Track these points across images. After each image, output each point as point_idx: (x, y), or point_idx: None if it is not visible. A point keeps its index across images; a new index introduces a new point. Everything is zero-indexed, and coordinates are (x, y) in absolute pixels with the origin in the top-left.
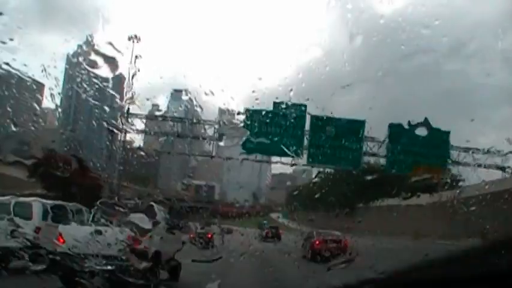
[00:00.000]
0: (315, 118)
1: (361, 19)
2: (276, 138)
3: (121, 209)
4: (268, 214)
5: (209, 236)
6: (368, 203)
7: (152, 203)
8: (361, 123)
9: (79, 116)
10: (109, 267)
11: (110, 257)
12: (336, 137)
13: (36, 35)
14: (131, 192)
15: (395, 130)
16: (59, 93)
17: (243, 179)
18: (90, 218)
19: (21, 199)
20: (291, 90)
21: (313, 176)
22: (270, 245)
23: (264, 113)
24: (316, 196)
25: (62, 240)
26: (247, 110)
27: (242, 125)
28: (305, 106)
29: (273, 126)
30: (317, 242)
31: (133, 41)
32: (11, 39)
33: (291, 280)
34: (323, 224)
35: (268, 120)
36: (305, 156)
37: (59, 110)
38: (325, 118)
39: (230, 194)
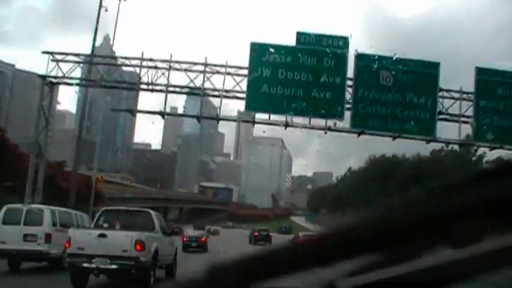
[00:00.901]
0: (362, 58)
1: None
2: (299, 91)
3: (123, 216)
4: (289, 217)
5: (202, 239)
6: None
7: (149, 210)
8: (434, 66)
9: (95, 118)
10: (113, 267)
11: (113, 257)
12: (395, 86)
13: (52, 35)
14: (145, 193)
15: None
16: (77, 94)
17: (263, 182)
18: (93, 223)
19: (33, 206)
20: None
21: (333, 179)
22: (259, 248)
23: (280, 50)
24: (342, 198)
25: (69, 243)
26: (253, 45)
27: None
28: (346, 39)
29: (295, 70)
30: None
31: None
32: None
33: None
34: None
35: (288, 61)
36: (348, 117)
37: (75, 111)
38: (376, 58)
39: (249, 197)
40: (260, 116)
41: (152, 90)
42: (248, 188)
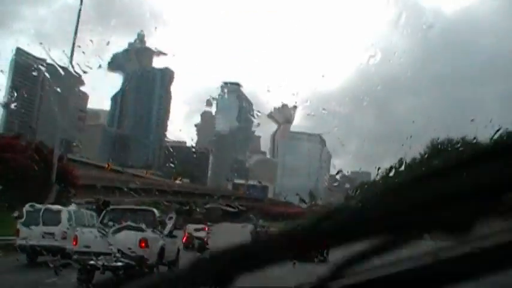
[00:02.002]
0: None
1: (418, 19)
2: None
3: (127, 214)
4: None
5: (205, 241)
6: None
7: (153, 209)
8: None
9: (127, 113)
10: (118, 264)
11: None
12: None
13: (85, 35)
14: (178, 188)
15: None
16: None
17: (299, 180)
18: (98, 222)
19: (50, 207)
20: None
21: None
22: None
23: None
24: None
25: (76, 241)
26: None
27: None
28: None
29: None
30: None
31: None
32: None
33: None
34: None
35: None
36: None
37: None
38: None
39: (284, 196)
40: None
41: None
42: (284, 187)
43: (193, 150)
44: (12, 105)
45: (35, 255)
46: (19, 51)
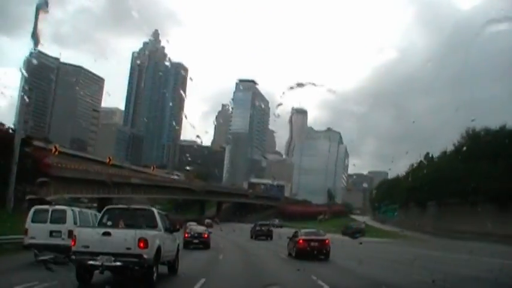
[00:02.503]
0: None
1: (438, 16)
2: None
3: (126, 213)
4: (348, 215)
5: (205, 236)
6: None
7: (152, 208)
8: None
9: (141, 112)
10: (117, 264)
11: (117, 255)
12: None
13: (102, 35)
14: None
15: None
16: (129, 92)
17: (316, 180)
18: (97, 221)
19: (57, 207)
20: None
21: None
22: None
23: None
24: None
25: (74, 241)
26: None
27: None
28: None
29: None
30: (301, 241)
31: None
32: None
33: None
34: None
35: None
36: None
37: (122, 106)
38: None
39: (301, 196)
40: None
41: None
42: (301, 186)
43: (209, 149)
44: (25, 104)
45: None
46: (33, 50)
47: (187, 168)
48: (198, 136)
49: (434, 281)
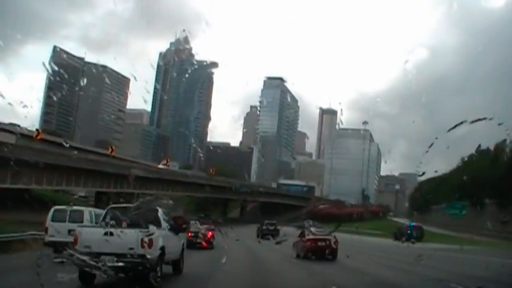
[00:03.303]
0: None
1: (470, 14)
2: None
3: (129, 213)
4: (386, 216)
5: (209, 235)
6: None
7: (157, 207)
8: None
9: (167, 112)
10: (120, 264)
11: (120, 255)
12: None
13: (134, 38)
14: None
15: None
16: (155, 91)
17: (348, 180)
18: (100, 221)
19: (75, 208)
20: None
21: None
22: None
23: None
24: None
25: (76, 241)
26: None
27: None
28: None
29: None
30: (308, 242)
31: None
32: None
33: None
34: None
35: None
36: None
37: (149, 106)
38: None
39: (333, 196)
40: None
41: None
42: (332, 187)
43: (237, 150)
44: (50, 104)
45: (59, 251)
46: (57, 50)
47: (212, 169)
48: (226, 141)
49: None
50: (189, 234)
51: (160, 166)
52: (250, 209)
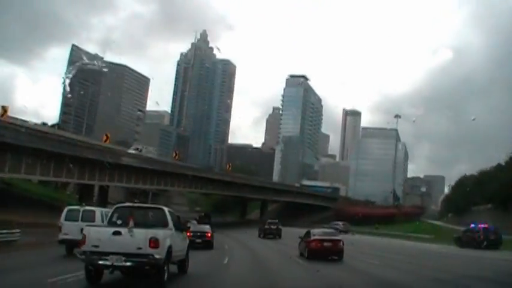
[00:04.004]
0: None
1: (495, 13)
2: None
3: (136, 212)
4: (419, 219)
5: (208, 235)
6: None
7: (162, 207)
8: None
9: (188, 113)
10: (128, 264)
11: (128, 255)
12: None
13: (155, 40)
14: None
15: None
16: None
17: (374, 182)
18: (107, 221)
19: (87, 208)
20: None
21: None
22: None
23: None
24: None
25: (84, 241)
26: None
27: None
28: None
29: None
30: (314, 242)
31: None
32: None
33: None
34: None
35: None
36: None
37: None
38: None
39: (358, 198)
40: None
41: None
42: (357, 189)
43: (259, 151)
44: (67, 104)
45: (71, 248)
46: (75, 49)
47: (228, 164)
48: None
49: None
50: (189, 234)
51: (131, 151)
52: (272, 210)
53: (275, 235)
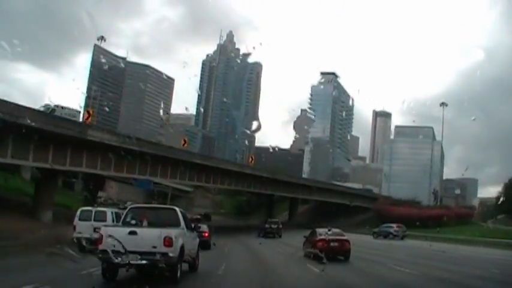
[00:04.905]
0: None
1: None
2: None
3: (149, 213)
4: (470, 221)
5: (205, 234)
6: None
7: (174, 207)
8: None
9: (213, 114)
10: (143, 262)
11: (144, 253)
12: None
13: (182, 43)
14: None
15: None
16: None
17: (408, 185)
18: (121, 221)
19: (99, 208)
20: None
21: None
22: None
23: None
24: None
25: (101, 240)
26: None
27: None
28: None
29: None
30: (320, 242)
31: None
32: None
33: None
34: None
35: None
36: None
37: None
38: None
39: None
40: None
41: None
42: (390, 191)
43: (287, 152)
44: (92, 103)
45: (83, 247)
46: (97, 49)
47: (251, 157)
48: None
49: None
50: None
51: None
52: (302, 212)
53: (275, 234)
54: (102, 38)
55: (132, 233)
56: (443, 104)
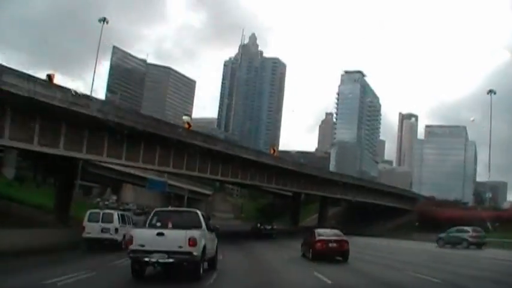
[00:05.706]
0: None
1: None
2: None
3: (173, 215)
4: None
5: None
6: None
7: (197, 210)
8: None
9: (236, 117)
10: (170, 260)
11: (170, 253)
12: None
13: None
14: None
15: None
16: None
17: (439, 187)
18: (148, 223)
19: (107, 211)
20: None
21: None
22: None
23: None
24: None
25: (131, 241)
26: None
27: None
28: None
29: None
30: (318, 242)
31: None
32: None
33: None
34: None
35: None
36: None
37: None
38: None
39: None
40: None
41: None
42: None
43: (312, 155)
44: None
45: (93, 245)
46: (116, 51)
47: (273, 148)
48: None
49: None
50: None
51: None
52: (333, 215)
53: (269, 236)
54: (104, 20)
55: (160, 234)
56: (490, 92)
